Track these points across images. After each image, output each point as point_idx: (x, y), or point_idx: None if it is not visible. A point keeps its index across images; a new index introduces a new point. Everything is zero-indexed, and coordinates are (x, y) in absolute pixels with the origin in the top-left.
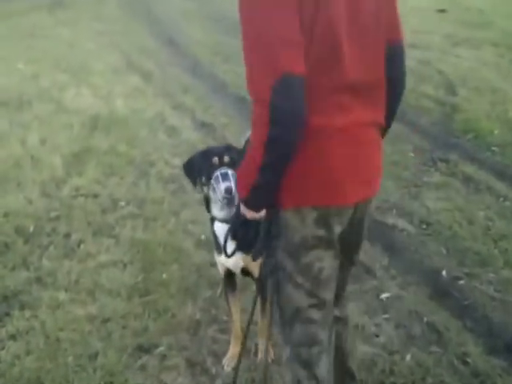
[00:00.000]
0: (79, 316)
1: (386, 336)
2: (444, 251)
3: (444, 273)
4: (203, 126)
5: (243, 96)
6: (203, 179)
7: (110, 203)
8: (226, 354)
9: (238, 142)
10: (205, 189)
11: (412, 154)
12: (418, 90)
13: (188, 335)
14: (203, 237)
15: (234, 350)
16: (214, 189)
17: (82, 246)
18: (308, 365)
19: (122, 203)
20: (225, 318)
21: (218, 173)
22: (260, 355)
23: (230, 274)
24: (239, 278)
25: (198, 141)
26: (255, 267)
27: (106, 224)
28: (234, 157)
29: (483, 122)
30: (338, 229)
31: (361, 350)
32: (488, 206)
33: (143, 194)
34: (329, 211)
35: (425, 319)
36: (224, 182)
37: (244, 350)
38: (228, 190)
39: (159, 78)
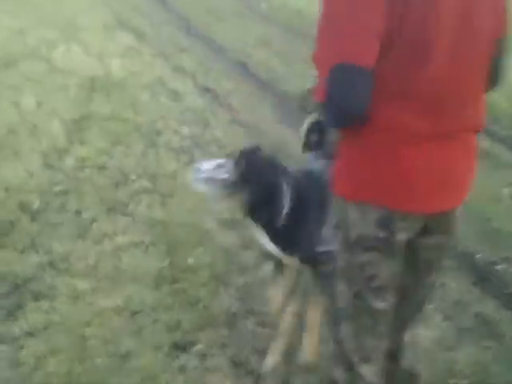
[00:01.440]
0: (104, 308)
1: (437, 330)
2: (473, 234)
3: (479, 257)
4: (206, 90)
5: (243, 61)
6: None
7: (120, 176)
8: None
9: (245, 110)
10: None
11: None
12: None
13: (226, 330)
14: (227, 215)
15: (271, 357)
16: None
17: (95, 225)
18: (351, 366)
19: (133, 176)
20: (263, 308)
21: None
22: (303, 352)
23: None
24: None
25: (203, 107)
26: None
27: (118, 200)
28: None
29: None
30: (402, 236)
31: None
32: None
33: (154, 166)
34: (393, 214)
35: (472, 309)
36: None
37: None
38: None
39: (153, 37)
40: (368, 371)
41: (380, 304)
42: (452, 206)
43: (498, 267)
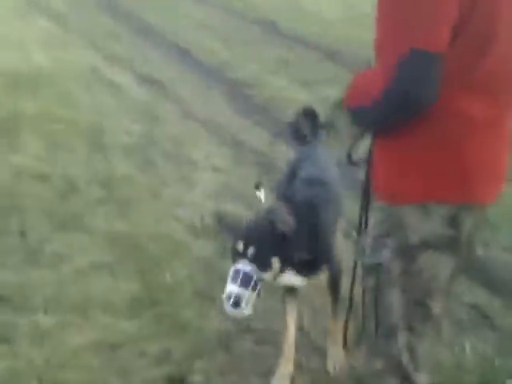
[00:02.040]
0: (77, 345)
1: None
2: None
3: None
4: (149, 82)
5: (184, 46)
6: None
7: (67, 186)
8: (274, 372)
9: (195, 101)
10: None
11: None
12: (359, 36)
13: (222, 354)
14: (198, 222)
15: (285, 369)
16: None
17: (47, 247)
18: (406, 377)
19: (82, 185)
20: (258, 325)
21: (233, 267)
22: (331, 365)
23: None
24: None
25: (148, 100)
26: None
27: (69, 214)
28: (265, 247)
29: None
30: (466, 229)
31: None
32: None
33: (105, 171)
34: (460, 209)
35: (466, 299)
36: (230, 284)
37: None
38: (228, 297)
39: (74, 21)
40: (423, 378)
41: (437, 308)
42: (498, 196)
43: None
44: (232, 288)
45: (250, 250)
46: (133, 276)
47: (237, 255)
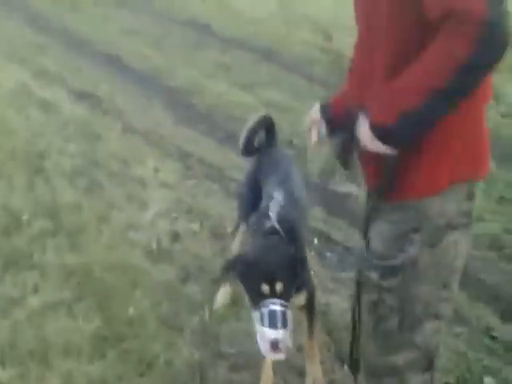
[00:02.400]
0: None
1: None
2: None
3: None
4: (84, 96)
5: (115, 56)
6: (245, 294)
7: (9, 219)
8: None
9: (135, 114)
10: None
11: None
12: (295, 36)
13: None
14: (154, 245)
15: None
16: (257, 322)
17: None
18: (430, 366)
19: (25, 216)
20: (229, 349)
21: (265, 310)
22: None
23: None
24: None
25: (85, 117)
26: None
27: (15, 251)
28: (291, 274)
29: None
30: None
31: None
32: None
33: (49, 199)
34: (476, 182)
35: None
36: (270, 329)
37: None
38: (274, 344)
39: None
40: (438, 364)
41: (456, 287)
42: None
43: None
44: (275, 334)
45: (279, 286)
46: (92, 312)
47: (261, 297)
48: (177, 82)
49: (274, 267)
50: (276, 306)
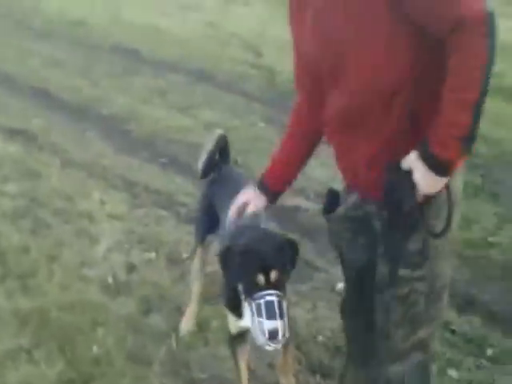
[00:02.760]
0: None
1: None
2: None
3: None
4: (16, 133)
5: (43, 89)
6: (240, 287)
7: None
8: None
9: (74, 147)
10: (242, 297)
11: (263, 124)
12: (225, 54)
13: None
14: (110, 279)
15: None
16: (253, 313)
17: None
18: (428, 350)
19: None
20: (201, 375)
21: (261, 301)
22: None
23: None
24: None
25: (21, 155)
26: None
27: None
28: (286, 264)
29: None
30: None
31: None
32: None
33: None
34: None
35: None
36: (269, 320)
37: None
38: (273, 334)
39: None
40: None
41: None
42: None
43: None
44: (274, 324)
45: (273, 275)
46: (54, 356)
47: (256, 288)
48: (111, 111)
49: (267, 255)
50: (272, 296)
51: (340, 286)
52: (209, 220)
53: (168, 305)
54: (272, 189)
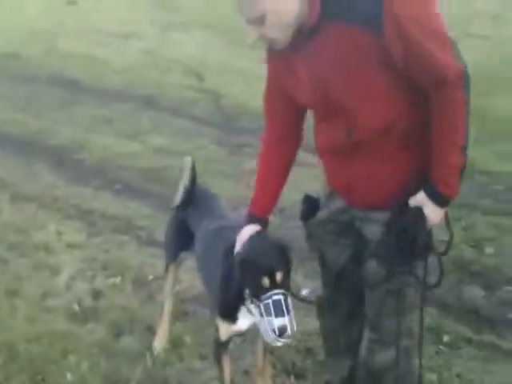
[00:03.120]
0: None
1: None
2: None
3: None
4: None
5: None
6: (247, 292)
7: None
8: None
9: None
10: (248, 303)
11: (213, 147)
12: (168, 81)
13: None
14: (76, 307)
15: None
16: (262, 314)
17: None
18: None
19: None
20: None
21: (269, 301)
22: None
23: None
24: None
25: None
26: None
27: None
28: (288, 265)
29: (251, 103)
30: None
31: None
32: None
33: None
34: None
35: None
36: (278, 318)
37: None
38: (283, 330)
39: None
40: None
41: None
42: None
43: None
44: (283, 321)
45: (278, 276)
46: None
47: (263, 290)
48: (58, 142)
49: (271, 259)
50: (279, 295)
51: (305, 292)
52: (181, 239)
53: (138, 326)
54: (262, 217)
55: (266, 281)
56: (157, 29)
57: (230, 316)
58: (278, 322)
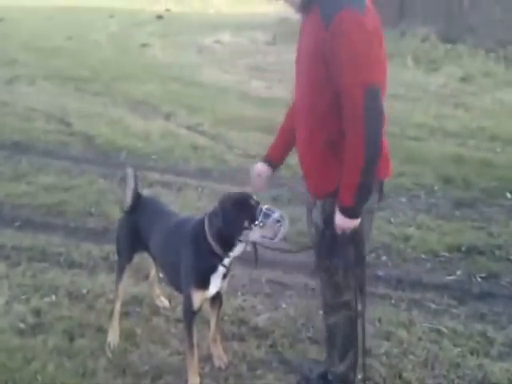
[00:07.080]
0: None
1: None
2: None
3: None
4: None
5: None
6: (246, 224)
7: None
8: None
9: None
10: (246, 233)
11: (102, 180)
12: (35, 128)
13: None
14: (21, 324)
15: (194, 380)
16: (262, 223)
17: None
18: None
19: None
20: (145, 368)
21: (263, 210)
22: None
23: None
24: None
25: None
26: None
27: None
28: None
29: (120, 141)
30: None
31: None
32: None
33: None
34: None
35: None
36: (276, 213)
37: None
38: (282, 216)
39: None
40: None
41: None
42: None
43: None
44: (280, 213)
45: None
46: None
47: (260, 213)
48: None
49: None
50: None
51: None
52: (133, 242)
53: (88, 330)
54: (275, 161)
55: (261, 207)
56: (1, 83)
57: (204, 281)
58: (277, 213)
